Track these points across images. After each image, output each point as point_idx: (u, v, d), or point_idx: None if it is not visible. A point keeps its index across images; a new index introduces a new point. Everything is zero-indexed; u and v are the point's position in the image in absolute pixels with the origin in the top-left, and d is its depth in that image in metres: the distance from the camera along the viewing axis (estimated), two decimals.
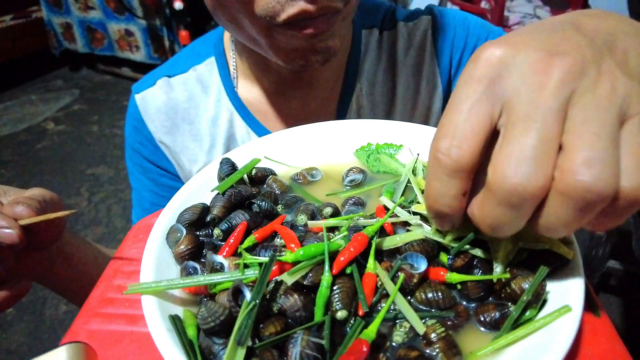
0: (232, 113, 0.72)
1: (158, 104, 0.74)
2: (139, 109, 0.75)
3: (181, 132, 0.74)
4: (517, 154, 0.26)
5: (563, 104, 0.26)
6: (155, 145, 0.76)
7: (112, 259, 0.47)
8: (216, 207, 0.45)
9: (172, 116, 0.74)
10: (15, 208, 0.45)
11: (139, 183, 0.79)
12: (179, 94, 0.74)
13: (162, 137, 0.75)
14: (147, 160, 0.77)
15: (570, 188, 0.25)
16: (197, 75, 0.74)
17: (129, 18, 3.40)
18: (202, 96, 0.73)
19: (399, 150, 0.53)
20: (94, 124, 3.45)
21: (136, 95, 0.75)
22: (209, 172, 0.50)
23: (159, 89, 0.74)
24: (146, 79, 0.77)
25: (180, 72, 0.74)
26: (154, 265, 0.39)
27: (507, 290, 0.35)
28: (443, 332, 0.33)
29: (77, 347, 0.36)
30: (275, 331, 0.33)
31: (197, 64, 0.74)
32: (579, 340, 0.33)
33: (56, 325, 1.83)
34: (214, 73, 0.73)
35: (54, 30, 3.87)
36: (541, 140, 0.26)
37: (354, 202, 0.46)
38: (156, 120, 0.74)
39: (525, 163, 0.25)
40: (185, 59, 0.76)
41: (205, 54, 0.74)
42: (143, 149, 0.77)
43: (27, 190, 0.50)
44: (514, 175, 0.26)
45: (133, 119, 0.77)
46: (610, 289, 1.81)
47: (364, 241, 0.36)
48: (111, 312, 0.41)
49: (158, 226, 0.43)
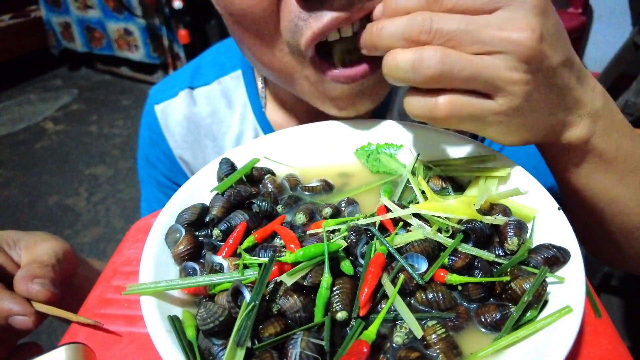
0: (258, 133, 0.69)
1: (180, 117, 0.70)
2: (159, 122, 0.71)
3: (203, 149, 0.71)
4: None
5: None
6: (173, 161, 0.73)
7: (111, 259, 0.47)
8: (215, 207, 0.45)
9: (194, 131, 0.70)
10: (30, 287, 0.42)
11: (150, 195, 0.77)
12: (202, 108, 0.70)
13: (182, 153, 0.72)
14: (163, 175, 0.75)
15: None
16: (221, 88, 0.70)
17: (128, 17, 3.39)
18: (226, 112, 0.70)
19: (399, 150, 0.52)
20: (92, 123, 3.45)
21: (156, 107, 0.71)
22: (208, 172, 0.50)
23: (182, 102, 0.70)
24: (166, 87, 0.73)
25: (204, 83, 0.70)
26: (153, 265, 0.39)
27: (507, 291, 0.34)
28: (444, 333, 0.32)
29: (76, 348, 0.35)
30: (275, 332, 0.32)
31: (221, 76, 0.70)
32: (580, 341, 0.33)
33: (55, 326, 1.83)
34: (240, 88, 0.69)
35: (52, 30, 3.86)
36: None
37: (348, 202, 0.45)
38: (177, 135, 0.71)
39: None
40: (208, 68, 0.72)
41: (231, 66, 0.70)
42: (159, 164, 0.74)
43: (38, 245, 0.48)
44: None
45: (151, 131, 0.73)
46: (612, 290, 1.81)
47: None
48: (110, 312, 0.40)
49: (157, 226, 0.43)
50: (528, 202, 0.41)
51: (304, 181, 0.51)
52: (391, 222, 0.40)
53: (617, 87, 2.83)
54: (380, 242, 0.37)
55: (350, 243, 0.37)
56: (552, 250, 0.35)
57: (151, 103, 0.72)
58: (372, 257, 0.36)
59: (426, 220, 0.40)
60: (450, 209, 0.39)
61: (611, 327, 0.35)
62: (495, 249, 0.39)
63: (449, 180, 0.46)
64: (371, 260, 0.36)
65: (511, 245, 0.37)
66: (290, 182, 0.50)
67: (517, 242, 0.37)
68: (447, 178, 0.46)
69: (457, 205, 0.40)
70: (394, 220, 0.40)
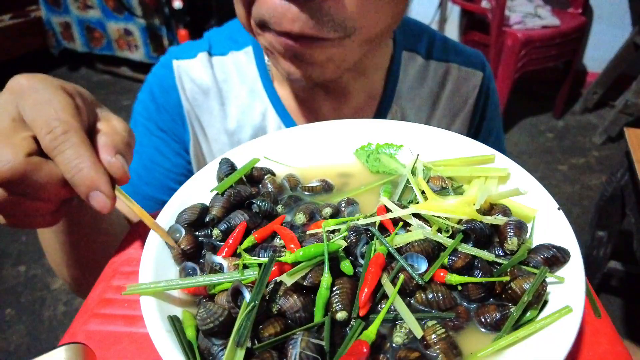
0: (266, 107, 0.73)
1: (195, 76, 0.73)
2: (175, 75, 0.73)
3: (210, 110, 0.74)
4: None
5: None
6: (179, 113, 0.74)
7: (111, 259, 0.47)
8: (215, 207, 0.45)
9: (205, 92, 0.74)
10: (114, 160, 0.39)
11: (142, 139, 0.76)
12: (218, 73, 0.74)
13: (191, 109, 0.74)
14: (160, 127, 0.75)
15: None
16: (235, 61, 0.74)
17: (128, 17, 3.39)
18: (237, 82, 0.74)
19: (399, 150, 0.52)
20: None
21: (175, 62, 0.74)
22: (208, 172, 0.50)
23: (199, 62, 0.73)
24: (185, 49, 0.76)
25: (220, 53, 0.75)
26: (152, 265, 0.39)
27: (507, 291, 0.34)
28: (444, 333, 0.32)
29: (75, 348, 0.35)
30: (275, 332, 0.32)
31: (235, 50, 0.74)
32: (580, 341, 0.33)
33: (55, 326, 1.83)
34: (251, 63, 0.73)
35: (52, 30, 3.86)
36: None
37: (348, 202, 0.45)
38: (188, 91, 0.73)
39: None
40: (224, 41, 0.76)
41: (243, 42, 0.74)
42: (164, 113, 0.75)
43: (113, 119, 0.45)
44: None
45: (163, 80, 0.74)
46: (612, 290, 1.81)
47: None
48: (110, 312, 0.40)
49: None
50: (528, 202, 0.41)
51: (304, 181, 0.51)
52: (391, 222, 0.40)
53: (617, 87, 2.84)
54: (380, 242, 0.37)
55: (350, 243, 0.37)
56: (552, 250, 0.35)
57: (169, 58, 0.75)
58: (372, 257, 0.36)
59: (426, 220, 0.40)
60: (450, 209, 0.39)
61: (611, 327, 0.35)
62: (495, 249, 0.39)
63: (449, 180, 0.46)
64: (371, 260, 0.36)
65: (511, 245, 0.37)
66: (290, 182, 0.50)
67: (517, 242, 0.37)
68: (447, 178, 0.46)
69: (457, 205, 0.40)
70: (394, 220, 0.40)
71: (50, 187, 0.38)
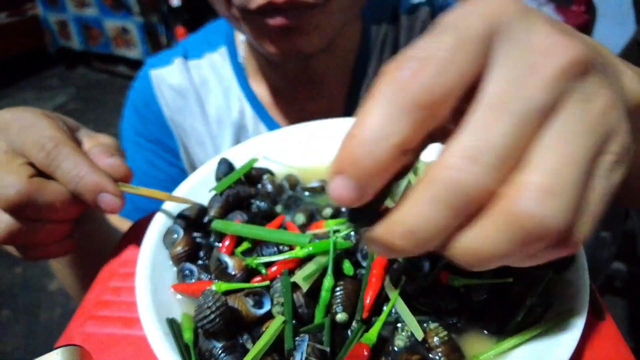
0: (243, 104, 0.74)
1: (173, 82, 0.74)
2: (152, 84, 0.75)
3: (192, 114, 0.75)
4: (471, 149, 0.20)
5: (551, 102, 0.20)
6: (162, 123, 0.76)
7: (108, 261, 0.46)
8: (214, 207, 0.44)
9: (185, 96, 0.75)
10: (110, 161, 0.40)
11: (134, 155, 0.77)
12: (194, 77, 0.75)
13: (172, 116, 0.75)
14: (148, 139, 0.76)
15: (517, 211, 0.19)
16: (210, 63, 0.75)
17: (125, 15, 3.38)
18: (214, 83, 0.75)
19: None
20: (90, 122, 3.43)
21: (152, 71, 0.75)
22: (206, 172, 0.49)
23: (176, 68, 0.74)
24: (161, 58, 0.77)
25: (196, 57, 0.76)
26: (149, 266, 0.38)
27: (510, 293, 0.34)
28: (446, 335, 0.32)
29: (72, 350, 0.35)
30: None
31: (210, 52, 0.75)
32: (583, 344, 0.33)
33: (51, 328, 1.82)
34: (225, 63, 0.75)
35: (49, 28, 3.84)
36: (507, 139, 0.20)
37: None
38: (168, 98, 0.75)
39: (478, 161, 0.20)
40: (198, 44, 0.77)
41: (216, 42, 0.76)
42: (149, 125, 0.76)
43: (99, 135, 0.46)
44: (462, 170, 0.20)
45: (143, 93, 0.76)
46: (615, 291, 1.81)
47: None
48: (107, 314, 0.40)
49: (154, 227, 0.42)
50: None
51: (304, 181, 0.51)
52: None
53: None
54: None
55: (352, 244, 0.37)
56: None
57: (147, 69, 0.76)
58: (375, 258, 0.36)
59: None
60: None
61: (615, 329, 0.34)
62: None
63: None
64: (374, 262, 0.35)
65: None
66: (290, 182, 0.49)
67: None
68: None
69: None
70: None
71: (59, 205, 0.39)
